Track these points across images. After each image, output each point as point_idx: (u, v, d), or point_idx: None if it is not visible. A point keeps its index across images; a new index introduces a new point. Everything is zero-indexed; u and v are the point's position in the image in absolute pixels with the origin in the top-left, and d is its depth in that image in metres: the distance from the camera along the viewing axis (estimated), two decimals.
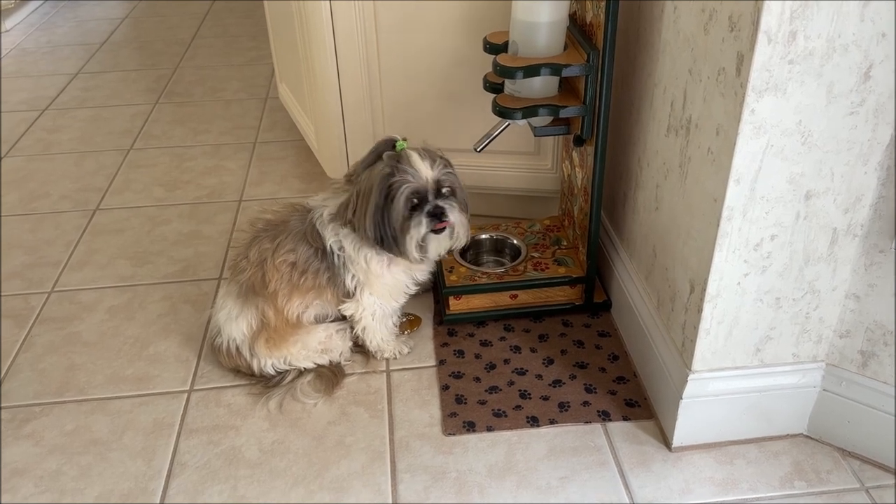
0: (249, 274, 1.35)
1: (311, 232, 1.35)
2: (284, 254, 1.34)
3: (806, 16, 0.91)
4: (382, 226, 1.27)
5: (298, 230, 1.35)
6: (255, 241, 1.37)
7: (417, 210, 1.27)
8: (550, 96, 1.35)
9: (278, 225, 1.38)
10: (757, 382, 1.22)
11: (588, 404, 1.36)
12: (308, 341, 1.40)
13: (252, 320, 1.37)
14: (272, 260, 1.34)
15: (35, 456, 1.30)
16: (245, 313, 1.37)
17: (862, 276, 1.12)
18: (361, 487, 1.22)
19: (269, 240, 1.36)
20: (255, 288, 1.35)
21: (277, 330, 1.37)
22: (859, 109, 0.98)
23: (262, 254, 1.35)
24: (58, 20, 3.48)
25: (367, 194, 1.27)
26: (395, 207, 1.26)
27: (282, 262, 1.34)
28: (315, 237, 1.34)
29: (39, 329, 1.58)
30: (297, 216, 1.38)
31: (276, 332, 1.37)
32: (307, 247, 1.34)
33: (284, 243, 1.34)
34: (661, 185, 1.27)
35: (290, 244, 1.34)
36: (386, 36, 1.62)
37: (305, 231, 1.35)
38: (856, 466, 1.24)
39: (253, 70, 2.87)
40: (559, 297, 1.55)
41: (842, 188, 1.05)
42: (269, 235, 1.36)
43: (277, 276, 1.34)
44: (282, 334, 1.37)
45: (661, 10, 1.22)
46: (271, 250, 1.34)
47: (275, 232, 1.36)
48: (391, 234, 1.28)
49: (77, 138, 2.38)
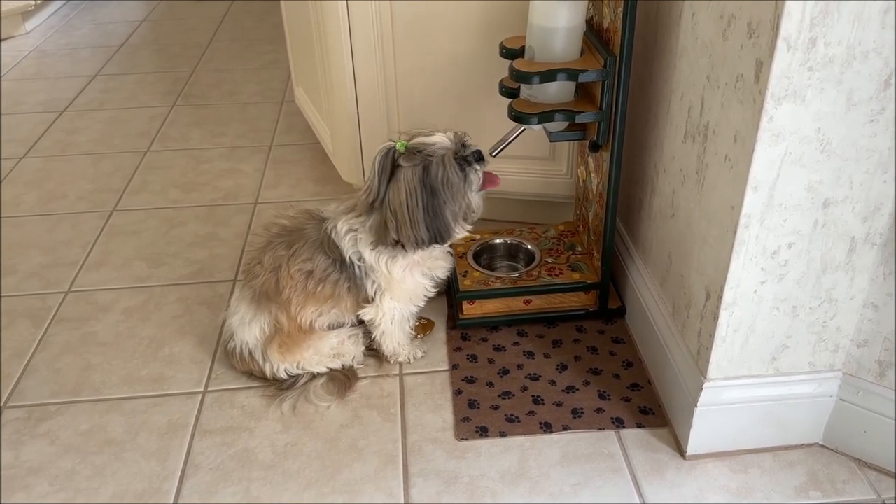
0: (263, 280, 1.35)
1: (328, 242, 1.34)
2: (301, 263, 1.33)
3: (826, 23, 0.91)
4: (435, 219, 1.27)
5: (315, 239, 1.35)
6: (269, 246, 1.37)
7: (462, 168, 1.29)
8: (566, 101, 1.35)
9: (294, 232, 1.37)
10: (773, 391, 1.21)
11: (602, 411, 1.35)
12: (321, 347, 1.40)
13: (265, 325, 1.37)
14: (287, 267, 1.33)
15: (50, 455, 1.31)
16: (258, 318, 1.37)
17: (880, 286, 1.11)
18: (374, 491, 1.22)
19: (284, 247, 1.35)
20: (269, 294, 1.35)
21: (290, 336, 1.37)
22: (879, 117, 0.97)
23: (277, 260, 1.35)
24: (77, 22, 3.51)
25: (410, 201, 1.25)
26: (449, 180, 1.26)
27: (297, 271, 1.33)
28: (332, 248, 1.34)
29: (56, 329, 1.60)
30: (314, 224, 1.37)
31: (288, 337, 1.37)
32: (325, 257, 1.34)
33: (301, 252, 1.34)
34: (677, 191, 1.26)
35: (307, 253, 1.34)
36: (402, 40, 1.62)
37: (322, 241, 1.35)
38: (872, 477, 1.23)
39: (270, 73, 2.89)
40: (573, 302, 1.55)
41: (861, 196, 1.04)
42: (284, 242, 1.36)
43: (292, 284, 1.34)
44: (295, 340, 1.38)
45: (678, 16, 1.22)
46: (286, 258, 1.34)
47: (290, 239, 1.36)
48: (447, 219, 1.28)
49: (95, 140, 2.40)
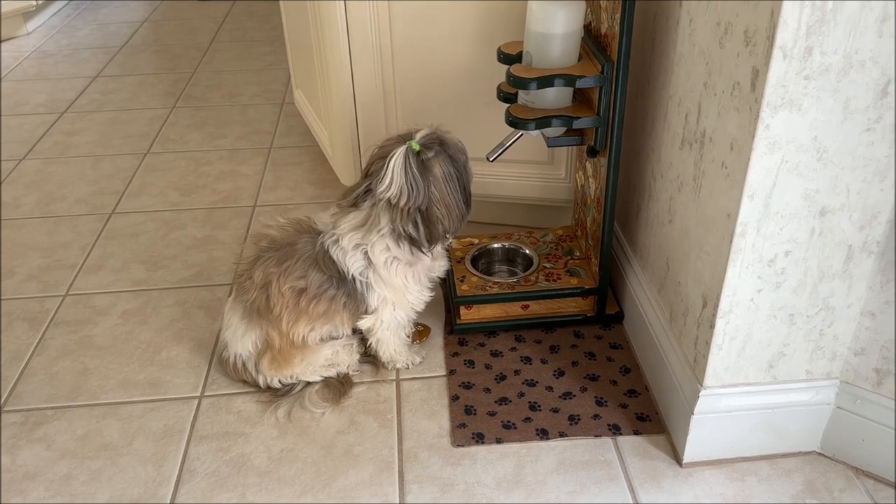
0: (254, 296, 1.33)
1: (324, 258, 1.31)
2: (293, 280, 1.30)
3: (822, 31, 0.90)
4: (468, 198, 1.32)
5: (308, 255, 1.31)
6: (259, 261, 1.33)
7: None
8: (564, 107, 1.35)
9: (284, 246, 1.33)
10: (769, 399, 1.21)
11: (599, 417, 1.35)
12: (314, 360, 1.39)
13: (257, 340, 1.36)
14: (278, 284, 1.30)
15: (46, 460, 1.31)
16: (250, 333, 1.36)
17: (878, 294, 1.11)
18: (370, 497, 1.22)
19: (275, 263, 1.31)
20: (260, 311, 1.33)
21: (282, 351, 1.36)
22: (876, 126, 0.97)
23: (268, 277, 1.31)
24: (78, 23, 3.51)
25: (451, 189, 1.28)
26: (464, 160, 1.31)
27: (289, 289, 1.30)
28: (328, 264, 1.31)
29: (54, 332, 1.60)
30: (306, 239, 1.33)
31: (280, 353, 1.36)
32: (319, 273, 1.31)
33: (293, 269, 1.30)
34: (674, 197, 1.26)
35: (300, 270, 1.30)
36: (401, 45, 1.62)
37: (317, 257, 1.31)
38: (869, 486, 1.23)
39: (270, 75, 2.89)
40: (571, 307, 1.54)
41: (857, 205, 1.03)
42: (274, 257, 1.32)
43: (282, 302, 1.31)
44: (286, 356, 1.36)
45: (676, 22, 1.21)
46: (277, 275, 1.30)
47: (281, 254, 1.32)
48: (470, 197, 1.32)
49: (95, 141, 2.40)
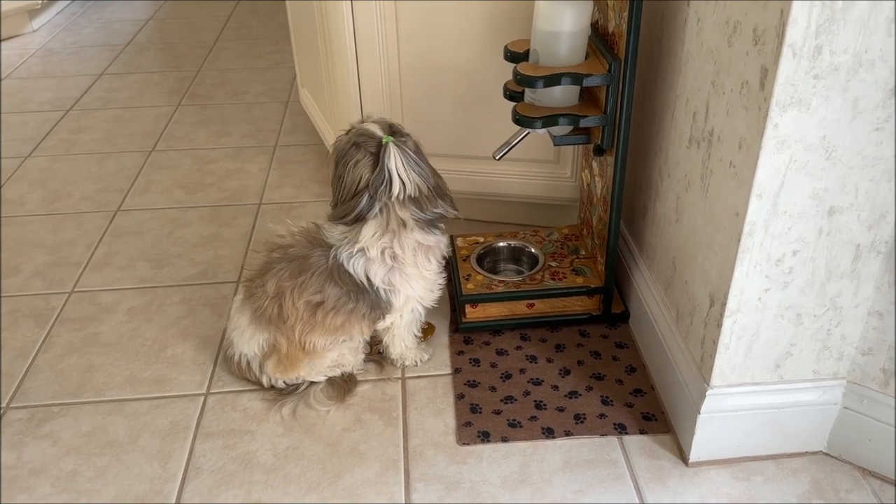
0: (265, 304, 1.32)
1: (339, 272, 1.30)
2: (309, 295, 1.29)
3: (832, 30, 0.90)
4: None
5: (323, 269, 1.29)
6: (270, 270, 1.32)
7: None
8: (571, 105, 1.35)
9: (296, 259, 1.31)
10: (776, 399, 1.21)
11: (604, 416, 1.35)
12: (320, 363, 1.38)
13: (264, 344, 1.35)
14: (292, 298, 1.29)
15: (52, 456, 1.31)
16: (257, 337, 1.35)
17: (886, 294, 1.10)
18: (375, 495, 1.22)
19: (288, 275, 1.30)
20: (271, 319, 1.32)
21: (289, 356, 1.35)
22: (885, 125, 0.97)
23: (281, 289, 1.30)
24: (84, 21, 3.52)
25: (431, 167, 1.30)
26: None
27: (305, 304, 1.29)
28: (344, 277, 1.30)
29: (59, 329, 1.60)
30: (320, 252, 1.31)
31: (287, 357, 1.35)
32: (336, 288, 1.30)
33: (308, 284, 1.29)
34: (681, 197, 1.26)
35: (316, 285, 1.29)
36: (406, 43, 1.62)
37: (332, 271, 1.29)
38: (876, 486, 1.22)
39: (275, 73, 2.89)
40: (576, 307, 1.54)
41: (866, 204, 1.03)
42: (287, 269, 1.31)
43: (296, 315, 1.30)
44: (293, 360, 1.36)
45: (684, 21, 1.21)
46: (291, 288, 1.29)
47: (294, 266, 1.31)
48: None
49: (100, 139, 2.41)
